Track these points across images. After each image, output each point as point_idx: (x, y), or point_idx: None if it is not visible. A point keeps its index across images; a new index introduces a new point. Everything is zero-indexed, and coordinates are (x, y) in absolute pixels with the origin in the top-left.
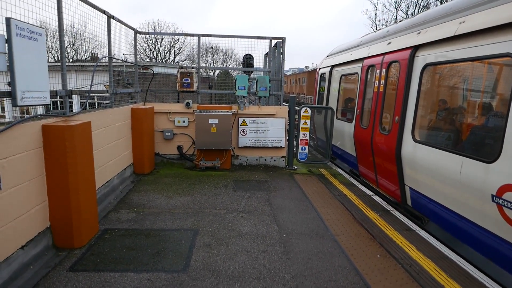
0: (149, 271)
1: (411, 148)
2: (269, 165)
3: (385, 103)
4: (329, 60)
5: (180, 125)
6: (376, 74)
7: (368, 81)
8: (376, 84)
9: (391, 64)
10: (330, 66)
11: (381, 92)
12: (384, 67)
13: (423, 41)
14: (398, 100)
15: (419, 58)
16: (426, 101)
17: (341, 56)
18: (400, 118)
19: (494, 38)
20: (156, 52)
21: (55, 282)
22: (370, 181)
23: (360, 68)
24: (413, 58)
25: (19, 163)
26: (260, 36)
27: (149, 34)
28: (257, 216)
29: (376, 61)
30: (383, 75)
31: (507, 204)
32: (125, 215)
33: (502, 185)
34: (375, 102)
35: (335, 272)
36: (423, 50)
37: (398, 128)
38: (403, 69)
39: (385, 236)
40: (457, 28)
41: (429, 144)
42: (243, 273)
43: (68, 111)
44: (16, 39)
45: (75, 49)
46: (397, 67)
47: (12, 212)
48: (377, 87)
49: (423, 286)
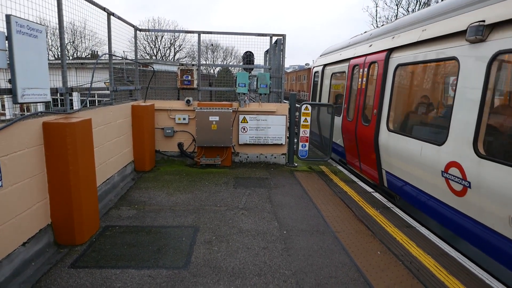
0: (150, 268)
1: (386, 136)
2: (270, 162)
3: (366, 98)
4: (322, 59)
5: (181, 123)
6: (360, 72)
7: (354, 79)
8: (360, 82)
9: (371, 64)
10: (323, 65)
11: (363, 88)
12: (366, 66)
13: (395, 45)
14: (376, 96)
15: (393, 59)
16: (397, 96)
17: (332, 56)
18: (378, 111)
19: (445, 44)
20: (156, 50)
21: (56, 278)
22: (355, 168)
23: (347, 67)
24: (388, 59)
25: (20, 160)
26: (260, 33)
27: (149, 31)
28: (257, 213)
29: (360, 61)
30: (365, 74)
31: (452, 178)
32: (126, 212)
33: (448, 162)
34: (358, 97)
35: (336, 268)
36: (396, 52)
37: (376, 120)
38: (380, 68)
39: (385, 232)
40: (420, 35)
41: (398, 133)
42: (244, 270)
43: (68, 108)
44: (17, 36)
45: (75, 46)
46: (375, 66)
47: (14, 209)
48: (360, 84)
49: (423, 282)
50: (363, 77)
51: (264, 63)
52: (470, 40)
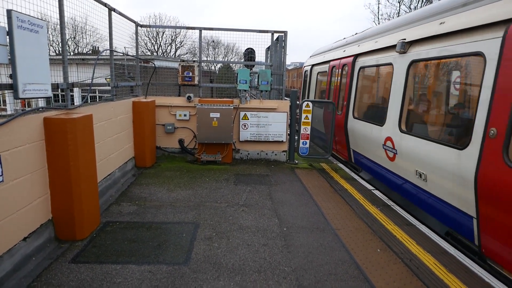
0: (150, 263)
1: (352, 123)
2: (270, 159)
3: (340, 93)
4: (310, 60)
5: (182, 119)
6: (336, 72)
7: (332, 77)
8: (336, 80)
9: (344, 66)
10: (311, 65)
11: (338, 85)
12: (340, 67)
13: (359, 51)
14: (346, 91)
15: (357, 62)
16: (359, 91)
17: (318, 57)
18: (347, 103)
19: (386, 53)
20: (158, 46)
21: (57, 273)
22: (332, 149)
23: (328, 67)
24: (354, 62)
25: (21, 156)
26: (261, 29)
27: (150, 27)
28: (258, 209)
29: (336, 63)
30: (340, 73)
31: (388, 148)
32: (126, 208)
33: (385, 137)
34: (335, 92)
35: (335, 265)
36: (359, 57)
37: (345, 110)
38: (349, 69)
39: (385, 230)
40: (373, 45)
41: (359, 119)
42: (244, 266)
43: (69, 104)
44: (17, 31)
45: (76, 42)
46: (346, 68)
47: (15, 204)
48: (336, 82)
49: (422, 280)
50: (338, 76)
51: (265, 60)
52: (398, 51)
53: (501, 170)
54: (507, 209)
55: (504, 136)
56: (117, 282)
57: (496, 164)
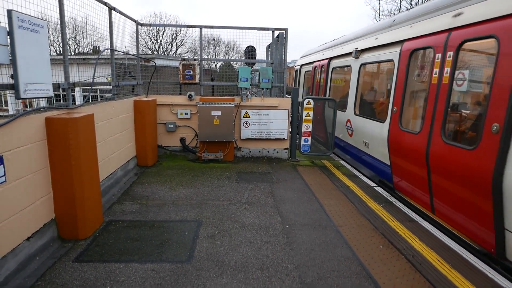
0: (153, 262)
1: (327, 111)
2: (272, 157)
3: (320, 88)
4: (300, 61)
5: (183, 117)
6: (318, 71)
7: (315, 76)
8: (317, 78)
9: (322, 67)
10: (300, 65)
11: (318, 82)
12: (320, 67)
13: (332, 55)
14: (323, 86)
15: (331, 64)
16: (332, 86)
17: (305, 59)
18: (324, 94)
19: (346, 58)
20: (158, 45)
21: (61, 272)
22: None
23: (312, 67)
24: (329, 64)
25: (23, 156)
26: (262, 27)
27: (150, 26)
28: (260, 207)
29: (317, 64)
30: (319, 72)
31: (348, 127)
32: (129, 206)
33: (347, 119)
34: (317, 87)
35: (338, 262)
36: (332, 60)
37: None
38: (325, 69)
39: (387, 227)
40: (340, 51)
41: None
42: (247, 264)
43: (71, 103)
44: (18, 31)
45: (77, 42)
46: (324, 68)
47: (18, 204)
48: (318, 79)
49: (425, 276)
50: (318, 74)
51: (266, 58)
52: (354, 57)
53: (398, 132)
54: (402, 156)
55: (399, 111)
56: (121, 281)
57: (396, 129)
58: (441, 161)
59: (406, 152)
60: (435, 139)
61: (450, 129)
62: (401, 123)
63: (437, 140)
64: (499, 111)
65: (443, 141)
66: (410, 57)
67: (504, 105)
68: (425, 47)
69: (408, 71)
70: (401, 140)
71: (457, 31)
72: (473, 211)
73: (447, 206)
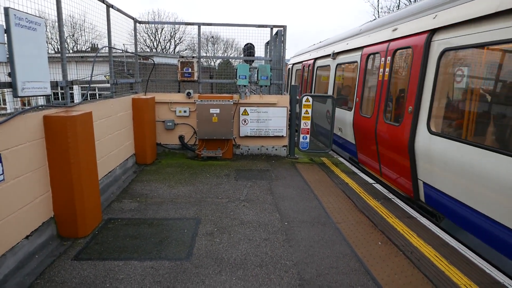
0: (152, 259)
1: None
2: (271, 154)
3: (307, 83)
4: (292, 60)
5: (181, 115)
6: (306, 70)
7: (304, 73)
8: (305, 75)
9: (309, 66)
10: (292, 64)
11: (305, 79)
12: (307, 66)
13: (317, 56)
14: (310, 82)
15: (316, 63)
16: (317, 83)
17: (296, 58)
18: (310, 90)
19: (327, 59)
20: (157, 42)
21: (60, 270)
22: None
23: (301, 65)
24: (314, 63)
25: (21, 154)
26: (260, 24)
27: (149, 24)
28: (259, 204)
29: (306, 63)
30: (307, 70)
31: (328, 118)
32: (128, 204)
33: (326, 110)
34: (305, 83)
35: (337, 259)
36: (317, 60)
37: None
38: (311, 68)
39: (386, 223)
40: (322, 53)
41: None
42: (246, 261)
43: (69, 101)
44: (15, 29)
45: (75, 40)
46: (310, 67)
47: (16, 203)
48: (306, 77)
49: (424, 272)
50: (306, 72)
51: (265, 55)
52: (332, 58)
53: (359, 117)
54: (361, 135)
55: (360, 101)
56: (120, 279)
57: (358, 115)
58: (383, 136)
59: (363, 132)
60: (379, 120)
61: (387, 113)
62: (361, 110)
63: (381, 121)
64: (412, 97)
65: (384, 121)
66: (367, 60)
67: (415, 93)
68: (375, 53)
69: (366, 70)
70: (360, 123)
71: (393, 42)
72: (400, 169)
73: (388, 168)
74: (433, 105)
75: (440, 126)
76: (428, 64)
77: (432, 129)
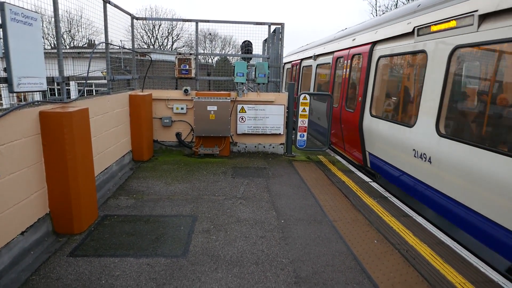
0: (148, 256)
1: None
2: (268, 152)
3: (295, 81)
4: (284, 59)
5: (179, 112)
6: (294, 69)
7: (293, 72)
8: (294, 74)
9: (297, 65)
10: (284, 63)
11: (294, 76)
12: (295, 65)
13: (303, 57)
14: (297, 79)
15: (302, 63)
16: (303, 80)
17: (287, 58)
18: (299, 86)
19: (309, 60)
20: (154, 39)
21: (55, 267)
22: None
23: (291, 65)
24: (301, 63)
25: (17, 150)
26: (258, 22)
27: (146, 20)
28: (255, 202)
29: (294, 63)
30: (296, 69)
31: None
32: (124, 201)
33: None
34: (293, 80)
35: (333, 257)
36: (303, 60)
37: (298, 90)
38: (298, 67)
39: (382, 222)
40: (308, 53)
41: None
42: (242, 258)
43: (65, 97)
44: (11, 24)
45: (72, 35)
46: (297, 66)
47: (12, 199)
48: (294, 75)
49: (419, 270)
50: (295, 71)
51: (263, 53)
52: (313, 59)
53: (345, 110)
54: (332, 122)
55: (346, 97)
56: (116, 275)
57: (344, 108)
58: (345, 120)
59: (334, 119)
60: (343, 108)
61: (347, 102)
62: (347, 104)
63: (344, 109)
64: (361, 90)
65: (346, 109)
66: (336, 62)
67: (363, 87)
68: (341, 56)
69: (336, 70)
70: (347, 115)
71: (352, 49)
72: (355, 144)
73: (348, 145)
74: (373, 95)
75: (375, 110)
76: (371, 66)
77: (372, 113)
